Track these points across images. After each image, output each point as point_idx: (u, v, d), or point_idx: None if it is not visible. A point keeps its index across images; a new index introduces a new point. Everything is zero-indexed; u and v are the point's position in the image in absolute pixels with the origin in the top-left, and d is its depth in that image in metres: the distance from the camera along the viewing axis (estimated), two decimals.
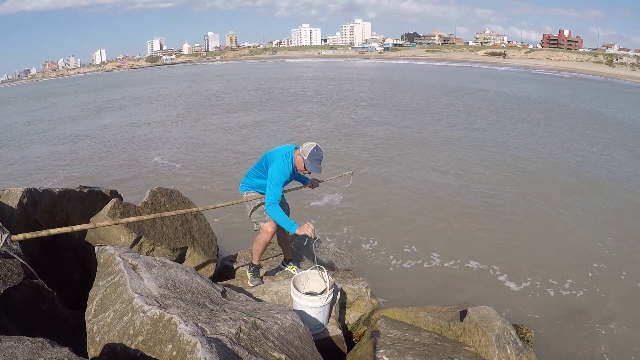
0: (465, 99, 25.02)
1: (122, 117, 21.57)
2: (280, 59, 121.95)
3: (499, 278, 5.70)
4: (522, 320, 4.52)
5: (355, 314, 4.03)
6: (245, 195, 3.75)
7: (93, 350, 2.15)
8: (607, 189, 9.40)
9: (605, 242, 6.75)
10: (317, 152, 3.37)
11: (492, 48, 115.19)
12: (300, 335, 2.49)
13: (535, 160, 11.61)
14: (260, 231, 3.68)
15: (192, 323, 2.01)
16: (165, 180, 10.02)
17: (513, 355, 3.11)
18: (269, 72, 58.10)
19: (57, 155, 13.81)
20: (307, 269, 3.74)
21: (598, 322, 4.83)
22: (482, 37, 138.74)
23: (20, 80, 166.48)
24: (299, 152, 3.42)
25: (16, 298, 2.64)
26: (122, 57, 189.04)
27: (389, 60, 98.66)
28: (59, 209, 4.05)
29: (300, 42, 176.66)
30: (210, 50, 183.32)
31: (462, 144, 13.36)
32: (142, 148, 14.09)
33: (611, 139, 14.73)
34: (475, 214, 7.89)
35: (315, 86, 34.20)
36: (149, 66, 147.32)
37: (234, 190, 9.20)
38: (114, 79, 68.52)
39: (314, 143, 3.43)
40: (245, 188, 3.77)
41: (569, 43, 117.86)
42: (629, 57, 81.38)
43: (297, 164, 3.45)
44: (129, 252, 2.91)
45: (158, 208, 4.29)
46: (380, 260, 6.20)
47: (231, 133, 15.88)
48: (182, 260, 4.16)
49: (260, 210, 3.64)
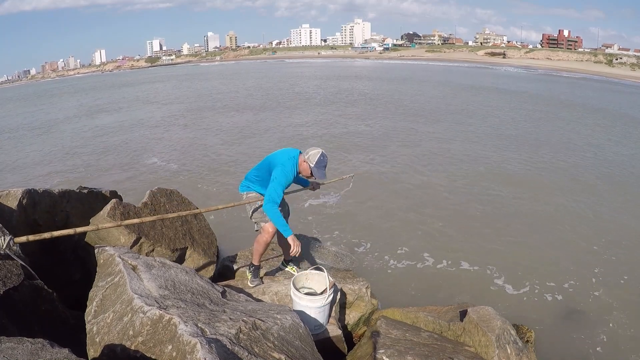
0: (463, 99, 25.05)
1: (122, 117, 21.56)
2: (280, 59, 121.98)
3: (499, 278, 5.70)
4: (522, 320, 4.51)
5: (355, 314, 4.03)
6: (245, 195, 3.76)
7: (93, 350, 2.15)
8: (609, 188, 9.41)
9: (606, 242, 6.75)
10: (323, 160, 3.46)
11: (492, 48, 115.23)
12: (300, 335, 2.49)
13: (539, 161, 11.62)
14: (261, 231, 3.68)
15: (192, 324, 2.01)
16: (163, 181, 10.01)
17: (513, 355, 3.11)
18: (269, 72, 58.09)
19: (57, 154, 13.81)
20: (307, 269, 3.74)
21: (598, 322, 4.83)
22: (482, 37, 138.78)
23: (20, 81, 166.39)
24: (305, 158, 3.47)
25: (16, 299, 2.64)
26: (121, 58, 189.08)
27: (389, 60, 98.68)
28: (59, 209, 4.04)
29: (300, 42, 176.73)
30: (210, 50, 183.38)
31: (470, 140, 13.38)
32: (141, 148, 14.08)
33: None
34: (475, 213, 7.89)
35: (314, 86, 34.21)
36: (148, 67, 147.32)
37: (233, 191, 9.25)
38: (114, 80, 68.51)
39: (319, 150, 3.48)
40: (245, 189, 3.78)
41: (568, 43, 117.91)
42: (629, 57, 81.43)
43: (303, 170, 3.52)
44: (129, 252, 2.91)
45: (158, 208, 4.29)
46: (380, 260, 6.20)
47: (229, 133, 15.89)
48: (182, 260, 4.16)
49: (261, 210, 3.64)
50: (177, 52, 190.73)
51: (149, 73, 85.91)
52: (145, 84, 48.64)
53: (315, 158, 3.43)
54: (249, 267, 3.98)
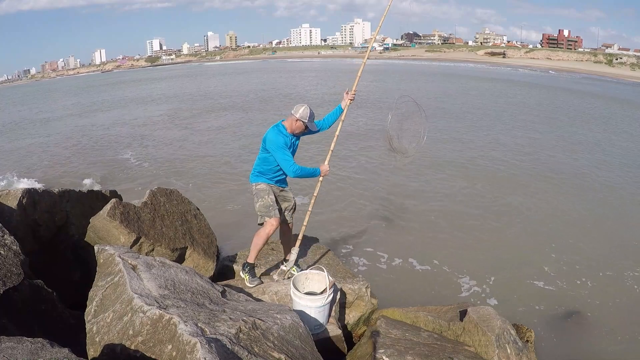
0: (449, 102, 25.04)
1: (121, 117, 21.55)
2: (280, 59, 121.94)
3: (499, 278, 5.69)
4: (522, 320, 4.51)
5: (355, 314, 4.03)
6: (255, 187, 3.81)
7: (93, 350, 2.15)
8: (613, 187, 9.41)
9: (607, 242, 6.75)
10: (312, 113, 3.69)
11: (492, 48, 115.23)
12: (300, 335, 2.49)
13: (544, 161, 11.62)
14: (264, 224, 3.69)
15: (192, 323, 2.01)
16: (163, 180, 10.02)
17: (513, 355, 3.11)
18: (269, 73, 58.12)
19: (56, 155, 13.81)
20: (307, 269, 3.74)
21: (598, 321, 4.83)
22: (482, 37, 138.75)
23: (20, 81, 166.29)
24: (297, 118, 3.63)
25: (16, 298, 2.64)
26: (121, 57, 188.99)
27: (389, 60, 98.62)
28: (59, 209, 4.04)
29: (300, 42, 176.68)
30: (210, 50, 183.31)
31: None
32: (140, 147, 14.09)
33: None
34: (475, 214, 7.89)
35: (313, 85, 34.21)
36: (148, 66, 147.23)
37: (235, 187, 9.25)
38: (115, 79, 68.48)
39: (303, 105, 3.68)
40: (255, 178, 3.83)
41: (568, 43, 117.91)
42: (629, 57, 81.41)
43: (297, 128, 3.69)
44: (129, 252, 2.90)
45: (157, 208, 4.29)
46: (380, 260, 6.20)
47: (226, 131, 15.89)
48: (182, 260, 4.16)
49: (266, 204, 3.69)
50: (177, 52, 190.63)
51: (150, 73, 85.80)
52: (145, 84, 48.65)
53: (307, 114, 3.64)
54: (243, 268, 3.88)
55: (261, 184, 3.78)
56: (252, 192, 3.83)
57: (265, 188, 3.76)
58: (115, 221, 3.73)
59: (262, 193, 3.73)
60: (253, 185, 3.83)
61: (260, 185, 3.78)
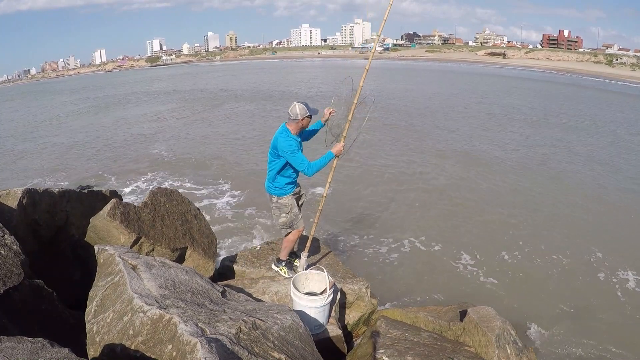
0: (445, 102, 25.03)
1: (121, 117, 21.57)
2: (280, 59, 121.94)
3: (499, 278, 5.70)
4: (522, 320, 4.51)
5: (355, 314, 4.03)
6: (277, 200, 3.87)
7: (93, 350, 2.15)
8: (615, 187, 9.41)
9: (608, 242, 6.75)
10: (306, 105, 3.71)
11: (492, 48, 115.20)
12: (300, 335, 2.49)
13: (547, 161, 11.63)
14: (292, 232, 3.98)
15: (192, 323, 2.01)
16: (163, 180, 10.02)
17: (513, 355, 3.11)
18: (269, 73, 58.13)
19: (56, 155, 13.82)
20: (308, 269, 3.74)
21: (598, 322, 4.84)
22: (482, 37, 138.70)
23: (20, 81, 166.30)
24: (300, 118, 3.66)
25: (16, 298, 2.64)
26: (122, 58, 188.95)
27: (389, 60, 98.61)
28: (59, 209, 4.04)
29: (300, 42, 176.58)
30: (210, 50, 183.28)
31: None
32: (141, 145, 14.09)
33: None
34: (476, 214, 7.89)
35: (313, 85, 34.22)
36: (149, 66, 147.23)
37: (239, 182, 9.25)
38: (114, 79, 68.48)
39: (293, 104, 3.71)
40: (277, 191, 3.87)
41: (568, 43, 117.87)
42: (629, 57, 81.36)
43: (304, 124, 3.74)
44: (129, 252, 2.90)
45: (158, 208, 4.29)
46: (380, 260, 6.20)
47: (226, 129, 15.91)
48: (182, 260, 4.15)
49: (293, 219, 3.90)
50: (177, 52, 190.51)
51: (149, 73, 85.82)
52: (146, 84, 48.65)
53: (305, 109, 3.67)
54: (278, 263, 4.21)
55: (284, 199, 3.87)
56: (272, 202, 3.91)
57: (289, 203, 3.87)
58: (115, 221, 3.72)
59: (286, 209, 3.87)
60: (275, 197, 3.88)
61: (283, 200, 3.87)
